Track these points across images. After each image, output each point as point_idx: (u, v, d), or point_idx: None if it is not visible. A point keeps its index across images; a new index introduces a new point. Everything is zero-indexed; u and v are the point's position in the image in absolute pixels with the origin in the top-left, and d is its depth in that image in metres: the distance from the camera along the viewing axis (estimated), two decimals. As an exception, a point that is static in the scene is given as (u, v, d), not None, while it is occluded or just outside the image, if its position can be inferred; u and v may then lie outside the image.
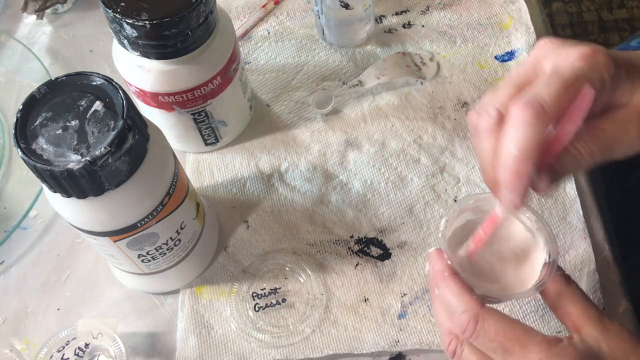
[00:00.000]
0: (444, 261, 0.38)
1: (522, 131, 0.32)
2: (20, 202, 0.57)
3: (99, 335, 0.47)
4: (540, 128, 0.32)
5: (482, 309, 0.35)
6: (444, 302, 0.36)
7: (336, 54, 0.64)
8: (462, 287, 0.36)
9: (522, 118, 0.32)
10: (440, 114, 0.60)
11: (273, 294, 0.51)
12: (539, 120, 0.31)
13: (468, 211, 0.40)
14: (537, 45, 0.36)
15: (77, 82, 0.38)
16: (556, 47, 0.35)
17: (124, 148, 0.36)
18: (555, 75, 0.33)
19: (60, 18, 0.70)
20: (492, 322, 0.34)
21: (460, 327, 0.35)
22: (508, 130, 0.32)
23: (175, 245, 0.47)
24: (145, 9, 0.43)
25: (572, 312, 0.35)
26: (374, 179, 0.56)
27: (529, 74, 0.35)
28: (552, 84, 0.32)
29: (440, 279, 0.37)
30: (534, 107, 0.31)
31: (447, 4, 0.67)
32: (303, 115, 0.61)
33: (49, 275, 0.54)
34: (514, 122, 0.32)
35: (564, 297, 0.36)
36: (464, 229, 0.41)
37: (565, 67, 0.33)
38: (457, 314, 0.35)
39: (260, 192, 0.57)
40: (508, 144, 0.32)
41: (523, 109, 0.32)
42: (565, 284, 0.37)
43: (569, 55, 0.33)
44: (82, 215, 0.39)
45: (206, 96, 0.51)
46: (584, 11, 1.66)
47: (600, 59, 0.33)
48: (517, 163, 0.32)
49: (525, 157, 0.32)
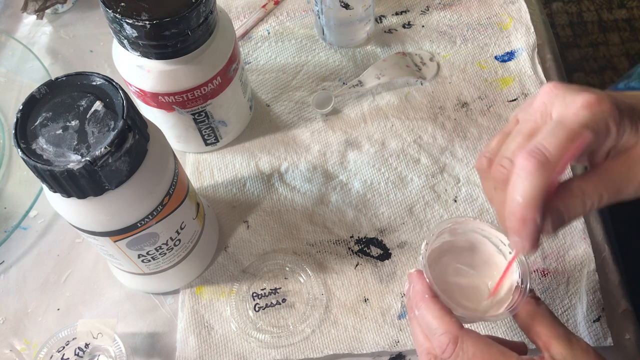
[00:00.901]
0: (425, 282, 0.39)
1: (526, 180, 0.33)
2: (21, 202, 0.57)
3: (99, 335, 0.47)
4: (543, 177, 0.33)
5: (461, 330, 0.36)
6: (424, 323, 0.38)
7: (336, 54, 0.64)
8: (442, 309, 0.37)
9: (526, 167, 0.33)
10: (440, 114, 0.60)
11: (273, 294, 0.51)
12: (542, 170, 0.33)
13: (445, 233, 0.43)
14: (542, 91, 0.36)
15: (77, 82, 0.38)
16: (562, 93, 0.35)
17: (124, 148, 0.36)
18: (561, 125, 0.34)
19: (60, 18, 0.70)
20: (470, 344, 0.36)
21: (439, 347, 0.36)
22: (514, 179, 0.34)
23: (175, 245, 0.47)
24: (145, 9, 0.43)
25: (542, 333, 0.37)
26: (374, 179, 0.56)
27: (537, 122, 0.36)
28: (557, 134, 0.33)
29: (420, 300, 0.38)
30: (537, 157, 0.33)
31: (447, 4, 0.67)
32: (303, 115, 0.61)
33: (49, 275, 0.54)
34: (519, 172, 0.33)
35: (534, 318, 0.38)
36: (441, 249, 0.43)
37: (570, 117, 0.34)
38: (437, 335, 0.37)
39: (260, 192, 0.57)
40: (514, 193, 0.34)
41: (527, 158, 0.33)
42: (536, 305, 0.38)
43: (575, 103, 0.34)
44: (82, 215, 0.39)
45: (206, 96, 0.51)
46: (584, 11, 1.66)
47: (605, 107, 0.34)
48: (523, 211, 0.33)
49: (530, 205, 0.33)
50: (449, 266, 0.42)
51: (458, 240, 0.43)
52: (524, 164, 0.33)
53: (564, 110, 0.34)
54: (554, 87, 0.36)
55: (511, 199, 0.34)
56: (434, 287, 0.39)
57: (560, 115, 0.35)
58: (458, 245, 0.43)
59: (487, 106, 0.60)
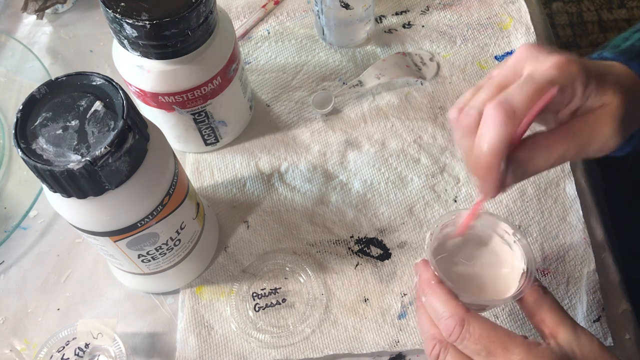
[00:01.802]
0: (431, 270, 0.40)
1: (493, 130, 0.35)
2: (21, 202, 0.57)
3: (99, 335, 0.47)
4: (509, 127, 0.35)
5: (467, 313, 0.37)
6: (430, 309, 0.39)
7: (336, 54, 0.64)
8: (448, 294, 0.38)
9: (493, 117, 0.35)
10: (440, 114, 0.60)
11: (273, 294, 0.51)
12: (508, 121, 0.34)
13: (450, 226, 0.43)
14: (518, 50, 0.38)
15: (77, 82, 0.38)
16: (535, 53, 0.37)
17: (124, 148, 0.36)
18: (529, 80, 0.35)
19: (60, 18, 0.70)
20: (476, 326, 0.36)
21: (446, 330, 0.37)
22: (481, 128, 0.36)
23: (175, 245, 0.47)
24: (145, 9, 0.43)
25: (548, 320, 0.38)
26: (374, 179, 0.56)
27: (508, 76, 0.37)
28: (525, 88, 0.35)
29: (427, 287, 0.39)
30: (504, 108, 0.35)
31: (447, 4, 0.67)
32: (303, 115, 0.61)
33: (49, 275, 0.54)
34: (486, 121, 0.35)
35: (541, 306, 0.39)
36: (446, 242, 0.44)
37: (539, 73, 0.35)
38: (444, 318, 0.37)
39: (260, 192, 0.57)
40: (480, 142, 0.35)
41: (494, 109, 0.35)
42: (542, 293, 0.39)
43: (545, 63, 0.36)
44: (82, 215, 0.39)
45: (206, 96, 0.51)
46: (584, 11, 1.66)
47: (573, 68, 0.36)
48: (488, 158, 0.35)
49: (495, 153, 0.35)
50: (453, 257, 0.43)
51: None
52: (491, 113, 0.35)
53: (535, 68, 0.36)
54: (529, 47, 0.37)
55: (478, 147, 0.36)
56: (439, 273, 0.40)
57: (529, 71, 0.36)
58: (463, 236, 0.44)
59: (487, 106, 0.60)
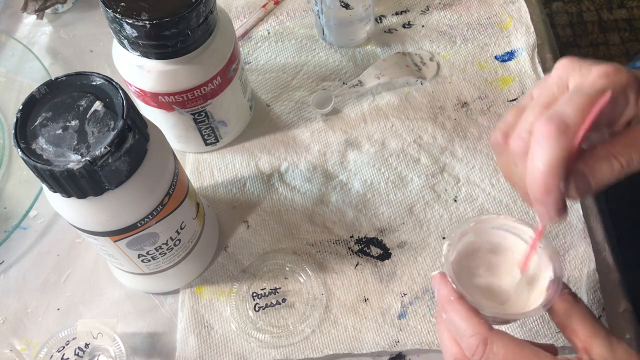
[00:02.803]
0: (449, 285, 0.38)
1: (547, 146, 0.32)
2: (20, 202, 0.57)
3: (99, 335, 0.47)
4: (564, 142, 0.32)
5: (490, 331, 0.35)
6: (451, 326, 0.37)
7: (336, 54, 0.64)
8: (469, 310, 0.36)
9: (545, 133, 0.32)
10: (440, 114, 0.60)
11: (273, 294, 0.51)
12: (562, 135, 0.32)
13: (469, 233, 0.41)
14: (558, 65, 0.36)
15: (77, 82, 0.38)
16: (577, 66, 0.35)
17: (124, 148, 0.36)
18: (578, 92, 0.33)
19: (60, 18, 0.70)
20: (501, 345, 0.34)
21: (469, 350, 0.35)
22: (533, 146, 0.33)
23: (175, 245, 0.47)
24: (145, 9, 0.43)
25: (580, 332, 0.36)
26: (374, 179, 0.56)
27: (553, 93, 0.35)
28: (574, 100, 0.33)
29: (447, 304, 0.37)
30: (556, 122, 0.32)
31: (447, 4, 0.67)
32: (303, 115, 0.61)
33: (49, 275, 0.54)
34: (538, 138, 0.32)
35: (572, 316, 0.36)
36: (467, 251, 0.41)
37: (587, 85, 0.33)
38: (466, 337, 0.35)
39: (260, 192, 0.57)
40: (535, 160, 0.33)
41: (545, 124, 0.32)
42: (573, 302, 0.37)
43: (592, 73, 0.34)
44: (82, 215, 0.39)
45: (206, 96, 0.51)
46: (584, 11, 1.66)
47: (622, 76, 0.33)
48: (545, 178, 0.32)
49: (552, 171, 0.32)
50: (474, 267, 0.41)
51: (483, 240, 0.41)
52: (542, 129, 0.32)
53: (581, 80, 0.34)
54: (570, 61, 0.35)
55: (532, 167, 0.33)
56: (459, 287, 0.37)
57: (576, 84, 0.34)
58: (483, 245, 0.41)
59: (487, 106, 0.60)
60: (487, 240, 0.41)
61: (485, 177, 0.56)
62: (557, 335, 0.48)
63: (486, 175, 0.56)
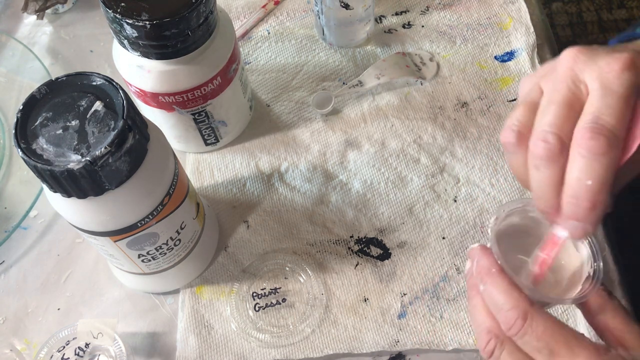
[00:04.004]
0: (492, 257, 0.36)
1: (597, 161, 0.30)
2: (21, 202, 0.57)
3: (99, 335, 0.47)
4: (614, 155, 0.30)
5: (531, 307, 0.34)
6: (489, 299, 0.35)
7: (336, 54, 0.64)
8: (510, 284, 0.34)
9: (593, 148, 0.30)
10: (440, 114, 0.60)
11: (273, 293, 0.51)
12: (612, 148, 0.30)
13: (515, 214, 0.39)
14: (566, 56, 0.34)
15: (77, 82, 0.38)
16: (589, 57, 0.33)
17: (124, 148, 0.36)
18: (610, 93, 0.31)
19: (61, 18, 0.70)
20: (540, 321, 0.33)
21: (506, 323, 0.34)
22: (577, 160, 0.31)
23: (175, 245, 0.47)
24: (146, 9, 0.43)
25: (614, 327, 0.35)
26: (374, 179, 0.56)
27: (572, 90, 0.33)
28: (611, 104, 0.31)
29: (487, 275, 0.35)
30: (603, 134, 0.30)
31: (447, 4, 0.67)
32: (303, 115, 0.61)
33: (49, 275, 0.54)
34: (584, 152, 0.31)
35: (606, 312, 0.35)
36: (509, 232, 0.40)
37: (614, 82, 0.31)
38: (504, 310, 0.34)
39: (260, 192, 0.57)
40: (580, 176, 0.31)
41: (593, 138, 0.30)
42: (608, 298, 0.36)
43: (610, 67, 0.32)
44: (82, 215, 0.39)
45: (206, 96, 0.51)
46: (583, 11, 1.66)
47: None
48: (593, 195, 0.31)
49: (602, 188, 0.30)
50: (514, 249, 0.39)
51: (527, 223, 0.40)
52: (589, 144, 0.30)
53: (602, 75, 0.32)
54: (578, 52, 0.33)
55: (578, 182, 0.31)
56: (502, 261, 0.36)
57: (600, 81, 0.32)
58: (526, 229, 0.40)
59: (487, 106, 0.60)
60: (531, 224, 0.40)
61: (485, 177, 0.56)
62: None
63: (486, 175, 0.56)
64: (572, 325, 0.49)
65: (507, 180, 0.56)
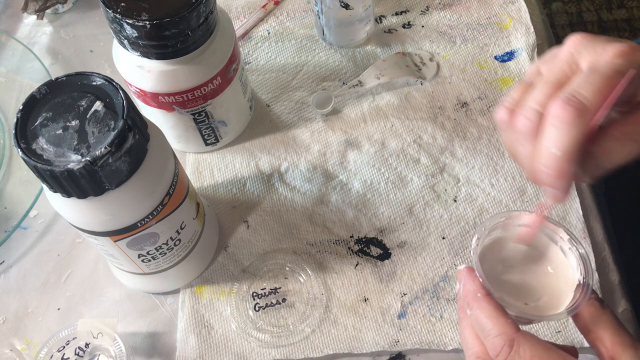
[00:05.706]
0: (477, 280, 0.37)
1: (563, 130, 0.31)
2: (21, 202, 0.57)
3: (99, 335, 0.47)
4: (581, 126, 0.30)
5: (517, 332, 0.34)
6: (476, 324, 0.35)
7: (336, 54, 0.64)
8: (496, 309, 0.35)
9: (561, 117, 0.31)
10: (440, 114, 0.60)
11: (273, 293, 0.51)
12: (580, 119, 0.30)
13: (499, 228, 0.40)
14: (568, 41, 0.34)
15: (78, 82, 0.38)
16: (590, 43, 0.33)
17: (124, 148, 0.36)
18: (595, 72, 0.32)
19: (61, 18, 0.70)
20: (527, 347, 0.33)
21: (494, 350, 0.34)
22: (548, 129, 0.32)
23: (175, 245, 0.47)
24: (146, 9, 0.43)
25: (606, 339, 0.34)
26: (374, 179, 0.56)
27: (564, 71, 0.33)
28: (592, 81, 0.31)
29: (473, 300, 0.36)
30: (573, 104, 0.30)
31: (447, 4, 0.67)
32: (303, 115, 0.61)
33: (49, 275, 0.54)
34: (553, 121, 0.31)
35: (597, 323, 0.35)
36: (494, 246, 0.40)
37: (604, 64, 0.32)
38: (491, 337, 0.34)
39: (260, 192, 0.57)
40: (548, 145, 0.31)
41: (562, 107, 0.31)
42: (600, 308, 0.36)
43: (606, 52, 0.32)
44: (82, 215, 0.39)
45: (206, 96, 0.51)
46: (583, 11, 1.66)
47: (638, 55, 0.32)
48: (560, 163, 0.31)
49: (568, 158, 0.31)
50: (501, 263, 0.39)
51: (511, 236, 0.40)
52: (559, 112, 0.31)
53: (596, 59, 0.32)
54: (582, 38, 0.34)
55: (546, 151, 0.31)
56: (487, 284, 0.36)
57: (592, 64, 0.32)
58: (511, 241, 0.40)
59: (487, 106, 0.60)
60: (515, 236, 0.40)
61: (485, 177, 0.56)
62: (556, 335, 0.48)
63: (486, 175, 0.56)
64: (572, 324, 0.49)
65: (507, 180, 0.56)
